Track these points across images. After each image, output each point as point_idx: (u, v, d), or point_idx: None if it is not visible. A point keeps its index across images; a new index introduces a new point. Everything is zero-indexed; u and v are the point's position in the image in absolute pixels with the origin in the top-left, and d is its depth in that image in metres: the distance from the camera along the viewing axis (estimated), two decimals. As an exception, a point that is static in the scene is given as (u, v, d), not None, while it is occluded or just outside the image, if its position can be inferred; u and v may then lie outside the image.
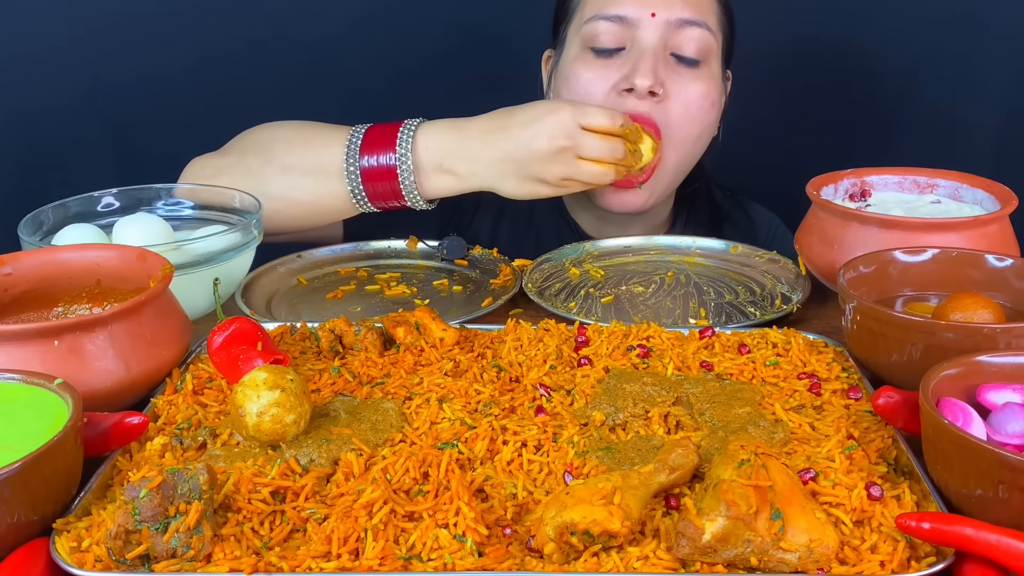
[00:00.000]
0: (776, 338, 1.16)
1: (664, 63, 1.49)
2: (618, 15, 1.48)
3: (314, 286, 1.47)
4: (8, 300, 1.15)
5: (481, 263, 1.51)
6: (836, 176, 1.40)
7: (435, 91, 2.13)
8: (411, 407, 1.03)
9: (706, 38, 1.50)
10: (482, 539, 0.81)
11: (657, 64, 1.47)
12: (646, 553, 0.80)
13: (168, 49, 2.05)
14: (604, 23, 1.49)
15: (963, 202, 1.36)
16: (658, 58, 1.48)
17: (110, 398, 1.02)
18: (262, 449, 0.94)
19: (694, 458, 0.88)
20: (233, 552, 0.80)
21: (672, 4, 1.48)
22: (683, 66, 1.50)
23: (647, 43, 1.47)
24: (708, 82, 1.52)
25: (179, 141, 2.07)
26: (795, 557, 0.78)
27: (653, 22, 1.47)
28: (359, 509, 0.84)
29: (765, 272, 1.45)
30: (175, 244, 1.27)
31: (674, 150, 1.52)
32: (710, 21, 1.51)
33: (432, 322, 1.18)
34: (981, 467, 0.80)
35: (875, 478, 0.89)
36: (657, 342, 1.16)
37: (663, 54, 1.49)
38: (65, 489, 0.86)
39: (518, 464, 0.93)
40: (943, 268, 1.17)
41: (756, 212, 1.80)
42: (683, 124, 1.51)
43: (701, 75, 1.51)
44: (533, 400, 1.05)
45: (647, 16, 1.47)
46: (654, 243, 1.55)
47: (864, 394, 1.04)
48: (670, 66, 1.49)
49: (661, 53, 1.48)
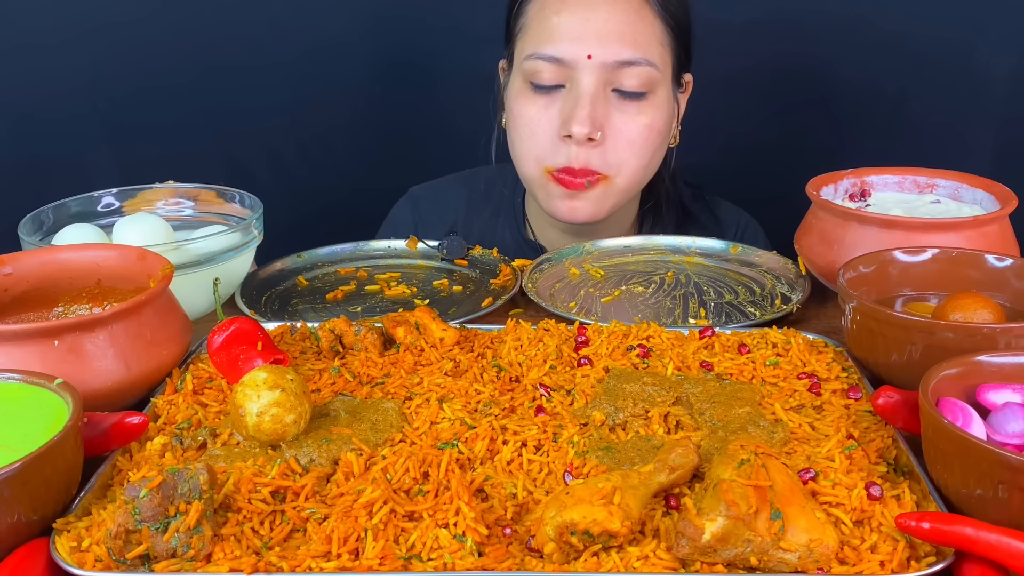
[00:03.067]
0: (776, 338, 1.16)
1: (604, 103, 1.46)
2: (554, 56, 1.46)
3: (314, 286, 1.47)
4: (8, 300, 1.15)
5: (481, 263, 1.51)
6: (836, 176, 1.40)
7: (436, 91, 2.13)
8: (411, 407, 1.03)
9: (648, 73, 1.46)
10: (482, 539, 0.81)
11: (596, 108, 1.45)
12: (646, 553, 0.80)
13: (168, 49, 2.05)
14: (542, 63, 1.47)
15: (963, 202, 1.36)
16: (597, 100, 1.45)
17: (110, 398, 1.02)
18: (262, 449, 0.94)
19: (694, 458, 0.88)
20: (233, 552, 0.80)
21: (608, 44, 1.44)
22: (626, 101, 1.47)
23: (584, 86, 1.45)
24: (652, 112, 1.49)
25: (179, 141, 2.07)
26: (795, 557, 0.78)
27: (589, 64, 1.44)
28: (359, 509, 0.84)
29: (765, 272, 1.45)
30: (175, 244, 1.27)
31: (623, 178, 1.51)
32: (652, 54, 1.47)
33: (432, 322, 1.18)
34: (981, 467, 0.80)
35: (875, 478, 0.89)
36: (657, 342, 1.16)
37: (603, 93, 1.46)
38: (65, 489, 0.86)
39: (518, 464, 0.93)
40: (943, 268, 1.17)
41: (725, 212, 1.78)
42: (629, 158, 1.50)
43: (644, 108, 1.48)
44: (533, 400, 1.05)
45: (583, 58, 1.44)
46: (654, 243, 1.55)
47: (864, 394, 1.04)
48: (611, 104, 1.47)
49: (601, 93, 1.46)
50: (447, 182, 1.82)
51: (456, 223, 1.74)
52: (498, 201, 1.74)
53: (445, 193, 1.79)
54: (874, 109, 2.08)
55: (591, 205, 1.52)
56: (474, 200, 1.77)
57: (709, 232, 1.71)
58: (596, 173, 1.48)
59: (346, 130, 2.18)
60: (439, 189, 1.81)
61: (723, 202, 1.79)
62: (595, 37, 1.44)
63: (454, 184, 1.80)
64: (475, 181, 1.78)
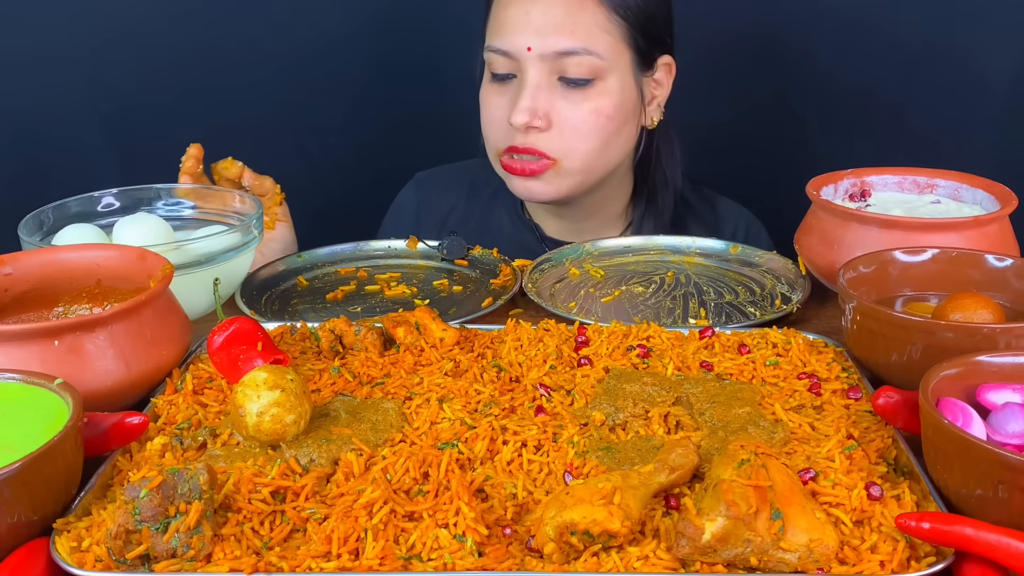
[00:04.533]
0: (776, 338, 1.16)
1: (549, 92, 1.51)
2: (501, 49, 1.52)
3: (314, 286, 1.47)
4: (8, 300, 1.15)
5: (481, 263, 1.51)
6: (836, 176, 1.40)
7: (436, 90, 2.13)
8: (411, 407, 1.03)
9: (590, 62, 1.49)
10: (482, 539, 0.81)
11: (537, 98, 1.49)
12: (646, 553, 0.80)
13: (168, 49, 2.05)
14: (493, 54, 1.54)
15: (963, 202, 1.36)
16: (539, 90, 1.50)
17: (110, 398, 1.02)
18: (262, 449, 0.94)
19: (694, 458, 0.88)
20: (233, 552, 0.80)
21: (546, 35, 1.48)
22: (572, 89, 1.51)
23: (528, 77, 1.50)
24: (599, 99, 1.52)
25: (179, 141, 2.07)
26: (795, 557, 0.78)
27: (530, 56, 1.49)
28: (359, 509, 0.84)
29: (765, 272, 1.45)
30: (175, 244, 1.27)
31: (573, 161, 1.55)
32: (593, 42, 1.49)
33: (432, 322, 1.18)
34: (981, 467, 0.80)
35: (875, 478, 0.89)
36: (657, 342, 1.16)
37: (548, 81, 1.51)
38: (65, 489, 0.86)
39: (518, 464, 0.93)
40: (943, 268, 1.17)
41: (724, 207, 1.79)
42: (577, 143, 1.53)
43: (590, 95, 1.51)
44: (533, 400, 1.05)
45: (524, 50, 1.49)
46: (654, 243, 1.55)
47: (864, 394, 1.04)
48: (556, 91, 1.51)
49: (545, 82, 1.50)
50: (451, 168, 1.89)
51: (457, 205, 1.81)
52: (497, 185, 1.78)
53: (448, 178, 1.86)
54: (874, 109, 2.08)
55: (545, 186, 1.57)
56: (475, 184, 1.82)
57: (707, 227, 1.72)
58: (540, 154, 1.53)
59: (346, 130, 2.18)
60: (442, 174, 1.88)
61: (722, 197, 1.80)
62: (534, 30, 1.49)
63: (458, 171, 1.88)
64: (477, 168, 1.83)
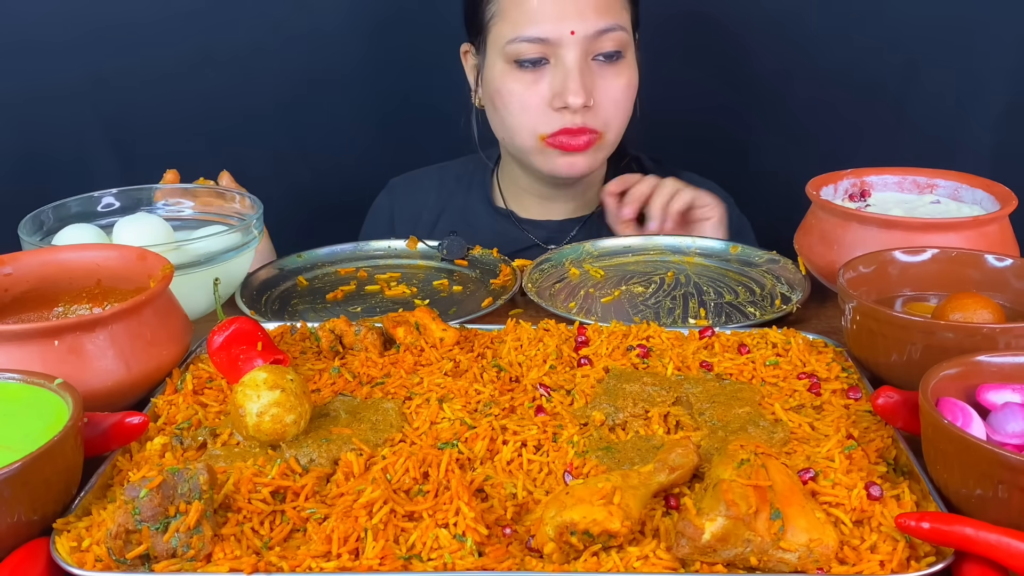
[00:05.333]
0: (776, 338, 1.16)
1: (588, 71, 1.55)
2: (538, 37, 1.53)
3: (314, 286, 1.47)
4: (8, 300, 1.15)
5: (481, 263, 1.51)
6: (836, 176, 1.40)
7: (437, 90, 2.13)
8: (411, 407, 1.03)
9: (620, 37, 1.56)
10: (482, 539, 0.81)
11: (585, 77, 1.54)
12: (646, 553, 0.80)
13: (169, 49, 2.05)
14: (526, 44, 1.54)
15: (963, 202, 1.36)
16: (584, 71, 1.54)
17: (110, 398, 1.02)
18: (262, 449, 0.94)
19: (694, 458, 0.88)
20: (233, 552, 0.80)
21: (586, 16, 1.53)
22: (606, 65, 1.57)
23: (571, 61, 1.53)
24: (628, 72, 1.60)
25: (179, 141, 2.07)
26: (795, 557, 0.78)
27: (573, 39, 1.52)
28: (359, 509, 0.84)
29: (765, 272, 1.45)
30: (175, 244, 1.27)
31: (611, 133, 1.62)
32: (621, 18, 1.57)
33: (432, 322, 1.18)
34: (981, 467, 0.80)
35: (875, 478, 0.89)
36: (657, 342, 1.16)
37: (586, 63, 1.55)
38: (65, 489, 0.86)
39: (518, 464, 0.93)
40: (943, 268, 1.17)
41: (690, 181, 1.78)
42: (616, 115, 1.60)
43: (622, 69, 1.59)
44: (533, 400, 1.05)
45: (567, 34, 1.52)
46: (654, 243, 1.55)
47: (864, 394, 1.04)
48: (594, 70, 1.56)
49: (585, 63, 1.55)
50: (423, 171, 1.92)
51: (427, 203, 1.84)
52: (470, 179, 1.84)
53: (420, 180, 1.89)
54: (874, 109, 2.08)
55: (587, 160, 1.62)
56: (446, 181, 1.86)
57: None
58: (592, 131, 1.58)
59: (347, 129, 2.18)
60: (415, 176, 1.91)
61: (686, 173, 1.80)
62: (575, 13, 1.52)
63: (430, 172, 1.91)
64: (449, 167, 1.89)
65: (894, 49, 2.02)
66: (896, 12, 2.00)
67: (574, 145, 1.58)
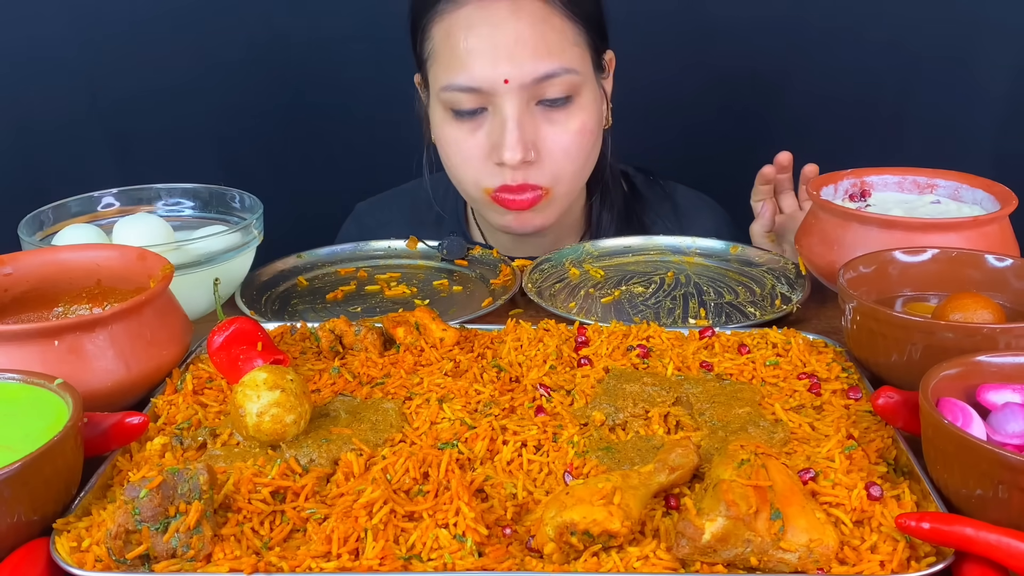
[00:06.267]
0: (776, 338, 1.16)
1: (531, 120, 1.41)
2: (470, 87, 1.40)
3: (314, 286, 1.47)
4: (8, 300, 1.15)
5: (481, 263, 1.51)
6: (836, 176, 1.40)
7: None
8: (411, 407, 1.03)
9: (569, 80, 1.41)
10: (482, 539, 0.81)
11: (524, 130, 1.40)
12: (646, 553, 0.80)
13: (169, 50, 2.05)
14: (459, 94, 1.41)
15: (963, 202, 1.36)
16: (523, 122, 1.40)
17: (110, 398, 1.02)
18: (262, 449, 0.94)
19: (694, 458, 0.88)
20: (233, 552, 0.80)
21: (522, 62, 1.37)
22: (553, 110, 1.43)
23: (507, 111, 1.39)
24: (581, 115, 1.45)
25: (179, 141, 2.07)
26: (795, 557, 0.78)
27: (508, 88, 1.38)
28: (359, 509, 0.84)
29: (765, 272, 1.45)
30: (175, 244, 1.27)
31: (563, 186, 1.49)
32: (568, 59, 1.41)
33: (432, 322, 1.18)
34: (981, 467, 0.80)
35: (875, 478, 0.89)
36: (657, 342, 1.16)
37: (527, 110, 1.41)
38: (65, 489, 0.86)
39: (518, 464, 0.93)
40: (943, 268, 1.17)
41: (682, 196, 1.73)
42: (566, 167, 1.46)
43: (573, 112, 1.44)
44: (533, 400, 1.05)
45: (500, 83, 1.38)
46: (654, 243, 1.55)
47: (864, 394, 1.04)
48: (538, 119, 1.42)
49: (526, 111, 1.41)
50: (390, 196, 1.81)
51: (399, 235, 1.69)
52: (441, 205, 1.72)
53: (388, 206, 1.79)
54: (874, 109, 2.08)
55: (539, 216, 1.51)
56: (418, 209, 1.75)
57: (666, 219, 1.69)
58: (536, 187, 1.45)
59: (346, 129, 2.18)
60: (382, 203, 1.80)
61: (679, 186, 1.75)
62: (507, 59, 1.37)
63: (397, 197, 1.80)
64: (418, 191, 1.76)
65: (895, 49, 2.02)
66: (896, 12, 2.00)
67: (518, 203, 1.45)
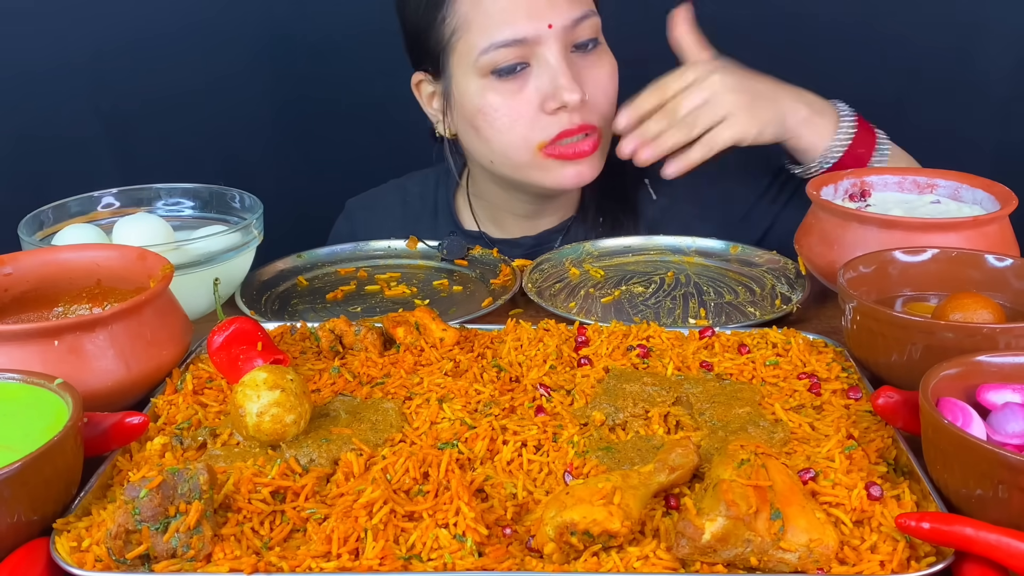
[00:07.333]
0: (776, 338, 1.16)
1: (573, 64, 1.46)
2: (515, 39, 1.43)
3: (314, 286, 1.47)
4: (8, 300, 1.15)
5: (481, 263, 1.51)
6: (836, 176, 1.40)
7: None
8: (411, 407, 1.03)
9: (595, 22, 1.49)
10: (482, 539, 0.81)
11: (572, 70, 1.45)
12: (646, 553, 0.80)
13: (169, 50, 2.05)
14: (502, 50, 1.43)
15: (963, 202, 1.36)
16: (570, 64, 1.45)
17: (110, 398, 1.02)
18: (262, 449, 0.94)
19: (694, 458, 0.88)
20: (233, 552, 0.80)
21: (559, 7, 1.44)
22: (585, 55, 1.49)
23: (554, 57, 1.44)
24: (607, 57, 1.53)
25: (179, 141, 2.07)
26: (795, 557, 0.78)
27: (551, 33, 1.43)
28: (359, 509, 0.84)
29: (765, 272, 1.45)
30: (175, 244, 1.27)
31: (608, 126, 1.51)
32: (591, 2, 1.50)
33: (432, 322, 1.18)
34: (981, 467, 0.80)
35: (875, 478, 0.89)
36: (657, 342, 1.16)
37: (568, 56, 1.46)
38: (65, 489, 0.86)
39: (518, 464, 0.93)
40: (943, 268, 1.17)
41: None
42: (608, 107, 1.51)
43: (601, 55, 1.51)
44: (533, 400, 1.05)
45: (545, 30, 1.43)
46: (654, 243, 1.55)
47: (864, 394, 1.04)
48: (577, 63, 1.48)
49: (567, 56, 1.46)
50: (381, 191, 1.82)
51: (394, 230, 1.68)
52: (434, 197, 1.74)
53: (380, 202, 1.79)
54: (874, 109, 2.08)
55: (592, 167, 1.52)
56: (410, 203, 1.76)
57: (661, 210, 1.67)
58: (593, 128, 1.49)
59: (346, 129, 2.18)
60: (373, 199, 1.81)
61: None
62: (547, 6, 1.43)
63: (389, 191, 1.80)
64: (409, 184, 1.78)
65: (895, 49, 2.02)
66: (897, 12, 2.00)
67: (579, 152, 1.48)
